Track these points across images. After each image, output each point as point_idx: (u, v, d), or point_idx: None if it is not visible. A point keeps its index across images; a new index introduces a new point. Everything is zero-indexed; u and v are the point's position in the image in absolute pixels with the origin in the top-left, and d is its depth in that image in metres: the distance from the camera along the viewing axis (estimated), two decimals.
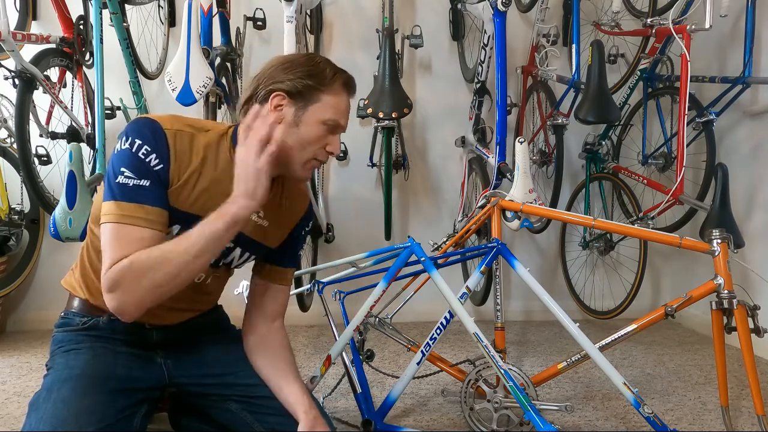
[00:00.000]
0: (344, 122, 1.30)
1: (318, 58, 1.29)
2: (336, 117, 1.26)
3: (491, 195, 1.86)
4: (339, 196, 3.02)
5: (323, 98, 1.24)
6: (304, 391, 1.29)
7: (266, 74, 1.25)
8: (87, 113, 2.34)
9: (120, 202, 1.13)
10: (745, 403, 1.91)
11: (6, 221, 2.49)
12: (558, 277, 3.11)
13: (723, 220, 1.97)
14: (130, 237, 1.12)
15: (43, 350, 2.36)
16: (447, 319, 1.59)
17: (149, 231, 1.13)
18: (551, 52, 2.63)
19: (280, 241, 1.38)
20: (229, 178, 1.21)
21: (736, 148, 2.71)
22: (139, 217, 1.13)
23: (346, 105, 1.29)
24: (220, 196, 1.20)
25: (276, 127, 1.17)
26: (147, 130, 1.17)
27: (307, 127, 1.24)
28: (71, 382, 1.15)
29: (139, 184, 1.14)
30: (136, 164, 1.15)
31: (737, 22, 2.60)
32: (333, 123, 1.26)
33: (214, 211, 1.13)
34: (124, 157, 1.15)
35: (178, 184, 1.19)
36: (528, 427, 1.55)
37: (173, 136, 1.19)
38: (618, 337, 1.56)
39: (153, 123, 1.19)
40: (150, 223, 1.14)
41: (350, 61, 2.95)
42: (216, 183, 1.22)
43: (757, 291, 2.29)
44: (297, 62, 1.26)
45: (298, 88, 1.23)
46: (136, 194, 1.13)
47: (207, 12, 2.07)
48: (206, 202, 1.21)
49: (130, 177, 1.14)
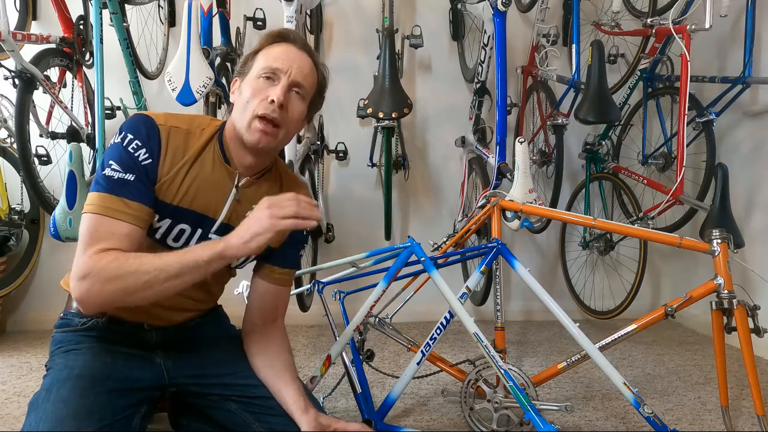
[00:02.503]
0: (279, 65, 1.25)
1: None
2: (267, 64, 1.25)
3: (491, 195, 1.86)
4: (339, 196, 3.01)
5: (257, 59, 1.28)
6: (300, 393, 1.29)
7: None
8: (87, 113, 2.34)
9: (103, 193, 1.16)
10: (745, 403, 1.91)
11: (6, 221, 2.49)
12: (558, 277, 3.11)
13: (723, 220, 1.96)
14: (108, 229, 1.14)
15: (43, 350, 2.36)
16: (447, 319, 1.59)
17: (127, 225, 1.15)
18: (551, 52, 2.63)
19: (280, 242, 1.38)
20: (216, 176, 1.24)
21: (736, 148, 2.71)
22: (119, 210, 1.15)
23: (279, 51, 1.28)
24: (207, 192, 1.23)
25: (313, 212, 1.16)
26: (141, 126, 1.20)
27: (246, 87, 1.26)
28: (70, 383, 1.15)
29: (124, 177, 1.16)
30: (124, 158, 1.17)
31: (737, 22, 2.60)
32: (267, 70, 1.24)
33: (204, 242, 1.16)
34: (114, 150, 1.19)
35: (166, 177, 1.21)
36: (528, 427, 1.55)
37: (167, 132, 1.22)
38: (618, 337, 1.56)
39: (148, 119, 1.22)
40: (129, 217, 1.16)
41: (350, 61, 2.95)
42: (204, 180, 1.24)
43: (757, 291, 2.29)
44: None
45: (242, 64, 1.30)
46: (119, 187, 1.16)
47: (207, 12, 2.07)
48: (194, 197, 1.23)
49: (116, 170, 1.17)
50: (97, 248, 1.11)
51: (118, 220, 1.14)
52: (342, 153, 2.84)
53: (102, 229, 1.13)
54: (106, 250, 1.12)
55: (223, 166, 1.27)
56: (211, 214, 1.27)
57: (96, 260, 1.10)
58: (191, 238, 1.26)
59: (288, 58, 1.26)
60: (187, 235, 1.26)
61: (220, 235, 1.26)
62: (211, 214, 1.27)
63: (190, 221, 1.25)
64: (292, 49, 1.28)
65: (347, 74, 2.93)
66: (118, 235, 1.14)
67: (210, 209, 1.26)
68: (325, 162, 2.93)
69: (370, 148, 2.81)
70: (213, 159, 1.26)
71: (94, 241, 1.12)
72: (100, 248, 1.11)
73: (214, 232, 1.28)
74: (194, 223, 1.25)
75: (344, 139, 2.84)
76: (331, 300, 1.91)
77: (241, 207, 1.29)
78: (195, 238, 1.27)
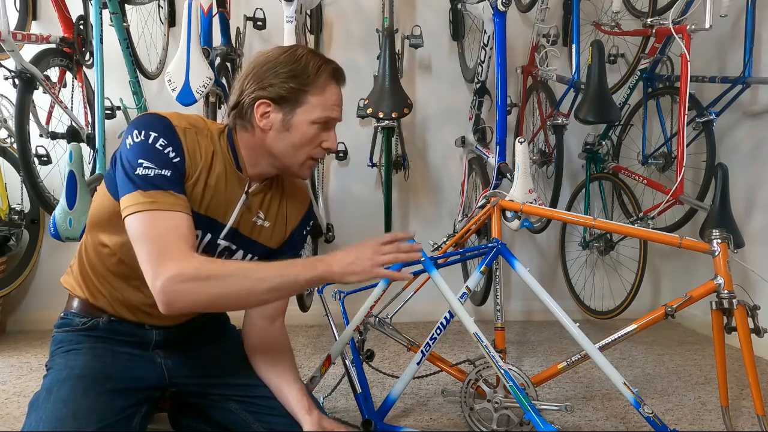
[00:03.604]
0: (336, 114, 1.26)
1: (300, 52, 1.24)
2: (325, 114, 1.23)
3: (491, 195, 1.86)
4: (339, 196, 3.01)
5: (310, 99, 1.21)
6: (303, 393, 1.29)
7: (249, 78, 1.22)
8: (87, 113, 2.34)
9: (144, 191, 1.09)
10: (745, 403, 1.91)
11: (6, 221, 2.49)
12: (558, 277, 3.11)
13: (723, 220, 1.96)
14: (166, 224, 1.08)
15: (43, 350, 2.36)
16: (447, 319, 1.59)
17: (182, 215, 1.11)
18: (551, 52, 2.63)
19: (281, 242, 1.38)
20: (228, 182, 1.23)
21: (736, 148, 2.71)
22: (168, 202, 1.10)
23: (335, 98, 1.26)
24: (219, 197, 1.21)
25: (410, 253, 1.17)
26: (160, 125, 1.16)
27: (297, 130, 1.21)
28: (71, 382, 1.15)
29: (161, 173, 1.11)
30: (155, 155, 1.12)
31: (737, 22, 2.60)
32: (324, 120, 1.23)
33: (307, 258, 1.16)
34: (141, 149, 1.12)
35: (192, 180, 1.18)
36: (528, 427, 1.54)
37: (183, 133, 1.18)
38: (618, 337, 1.56)
39: (163, 118, 1.18)
40: (181, 207, 1.11)
41: (350, 61, 2.95)
42: (217, 185, 1.22)
43: (757, 291, 2.29)
44: (279, 62, 1.21)
45: (282, 94, 1.20)
46: (160, 182, 1.11)
47: (207, 12, 2.06)
48: (208, 201, 1.21)
49: (151, 167, 1.11)
50: (176, 248, 1.06)
51: (171, 211, 1.09)
52: (342, 153, 2.84)
53: (160, 226, 1.08)
54: (183, 249, 1.07)
55: (235, 173, 1.25)
56: (220, 219, 1.25)
57: (187, 260, 1.06)
58: (201, 243, 1.24)
59: (341, 105, 1.27)
60: (197, 240, 1.23)
61: (228, 240, 1.26)
62: (221, 219, 1.25)
63: (202, 225, 1.22)
64: (341, 94, 1.28)
65: (347, 74, 2.86)
66: (178, 229, 1.09)
67: (219, 214, 1.24)
68: (325, 162, 2.93)
69: (370, 148, 2.81)
70: (225, 165, 1.24)
71: (164, 240, 1.07)
72: (180, 247, 1.07)
73: (222, 238, 1.26)
74: (205, 228, 1.23)
75: (344, 139, 2.84)
76: (331, 300, 1.91)
77: (249, 212, 1.29)
78: (204, 243, 1.25)
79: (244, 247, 1.31)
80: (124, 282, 1.26)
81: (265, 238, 1.34)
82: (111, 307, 1.28)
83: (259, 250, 1.34)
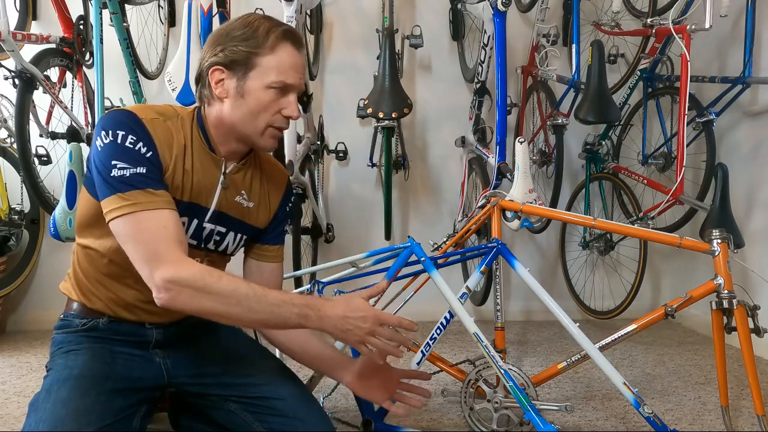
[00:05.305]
0: (292, 80, 1.21)
1: (251, 18, 1.21)
2: (280, 78, 1.19)
3: (491, 195, 1.86)
4: (339, 196, 3.02)
5: (261, 61, 1.18)
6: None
7: (206, 47, 1.22)
8: (87, 113, 2.34)
9: (123, 193, 1.09)
10: (745, 403, 1.91)
11: (6, 221, 2.49)
12: (558, 277, 3.11)
13: (723, 220, 1.96)
14: (153, 224, 1.09)
15: (43, 350, 2.36)
16: (447, 319, 1.59)
17: (167, 212, 1.11)
18: (551, 52, 2.63)
19: (267, 221, 1.38)
20: (203, 165, 1.23)
21: (736, 148, 2.71)
22: (150, 201, 1.10)
23: (290, 60, 1.21)
24: (198, 182, 1.22)
25: (401, 344, 1.18)
26: (126, 121, 1.14)
27: (251, 96, 1.19)
28: (70, 383, 1.14)
29: (137, 171, 1.11)
30: (127, 154, 1.11)
31: (737, 22, 2.60)
32: (279, 84, 1.20)
33: (305, 299, 1.15)
34: (111, 150, 1.11)
35: (169, 171, 1.18)
36: (528, 427, 1.55)
37: (151, 124, 1.17)
38: (618, 337, 1.56)
39: (129, 113, 1.16)
40: (164, 203, 1.11)
41: (350, 61, 2.95)
42: (195, 170, 1.22)
43: (757, 291, 2.29)
44: (232, 27, 1.21)
45: (232, 58, 1.18)
46: (137, 181, 1.10)
47: (207, 12, 2.07)
48: (189, 188, 1.21)
49: (125, 167, 1.10)
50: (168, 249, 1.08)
51: (155, 209, 1.09)
52: (342, 153, 2.84)
53: (147, 228, 1.08)
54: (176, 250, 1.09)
55: (209, 154, 1.25)
56: (203, 203, 1.25)
57: (182, 265, 1.08)
58: (188, 230, 1.25)
59: (298, 70, 1.23)
60: (184, 227, 1.24)
61: (214, 223, 1.27)
62: (204, 203, 1.25)
63: (187, 213, 1.23)
64: (298, 57, 1.23)
65: (347, 74, 2.94)
66: (166, 229, 1.09)
67: (202, 198, 1.25)
68: (325, 162, 2.93)
69: (370, 148, 2.81)
70: (198, 148, 1.24)
71: (155, 243, 1.08)
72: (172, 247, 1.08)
73: (208, 221, 1.27)
74: (190, 214, 1.24)
75: (344, 139, 2.84)
76: None
77: (229, 193, 1.29)
78: (191, 228, 1.25)
79: (234, 230, 1.31)
80: (117, 282, 1.25)
81: (252, 219, 1.34)
82: (109, 309, 1.27)
83: (249, 230, 1.35)
